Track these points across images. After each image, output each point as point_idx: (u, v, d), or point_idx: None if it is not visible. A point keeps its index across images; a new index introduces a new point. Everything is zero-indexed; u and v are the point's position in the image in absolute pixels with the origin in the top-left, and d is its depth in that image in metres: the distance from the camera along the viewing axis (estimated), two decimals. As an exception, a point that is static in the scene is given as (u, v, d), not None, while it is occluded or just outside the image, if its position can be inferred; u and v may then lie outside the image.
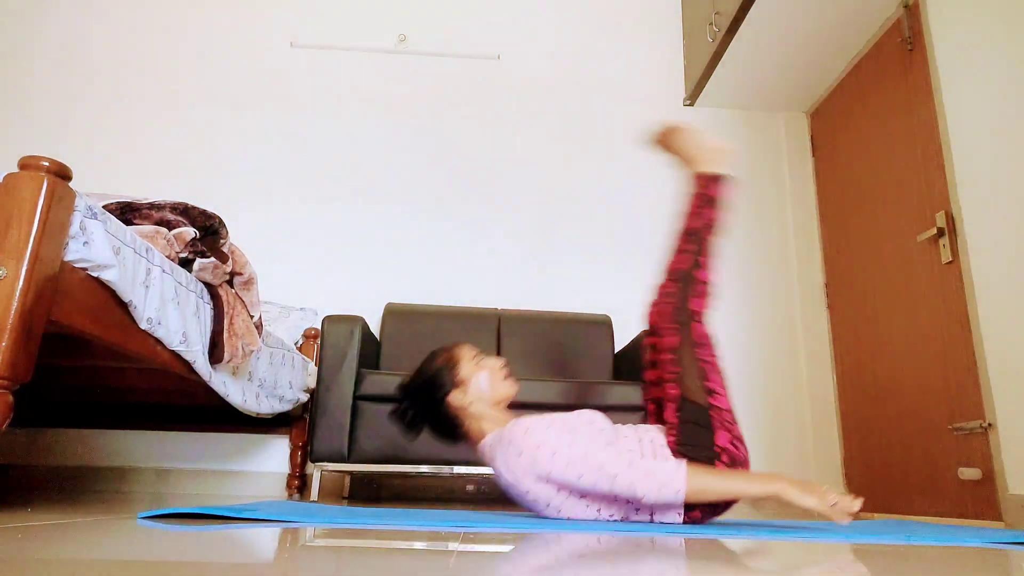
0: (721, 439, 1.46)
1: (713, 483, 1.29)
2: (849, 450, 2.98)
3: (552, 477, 1.34)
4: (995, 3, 2.16)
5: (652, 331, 1.61)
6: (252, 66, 3.54)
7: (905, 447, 2.56)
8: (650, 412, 1.67)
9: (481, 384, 1.52)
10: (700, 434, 1.46)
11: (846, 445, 3.00)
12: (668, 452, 1.44)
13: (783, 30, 2.94)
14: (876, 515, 2.72)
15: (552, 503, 1.38)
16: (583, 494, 1.37)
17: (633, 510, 1.38)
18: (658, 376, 1.61)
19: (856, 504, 1.29)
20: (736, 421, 1.53)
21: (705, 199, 1.68)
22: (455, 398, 1.50)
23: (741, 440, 1.50)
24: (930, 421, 2.42)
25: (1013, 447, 2.01)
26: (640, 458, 1.34)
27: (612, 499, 1.36)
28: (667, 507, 1.35)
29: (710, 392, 1.51)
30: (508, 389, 1.55)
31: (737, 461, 1.46)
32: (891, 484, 2.64)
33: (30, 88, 3.43)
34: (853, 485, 2.93)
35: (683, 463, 1.30)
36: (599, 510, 1.39)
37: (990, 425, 2.10)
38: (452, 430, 1.53)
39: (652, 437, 1.49)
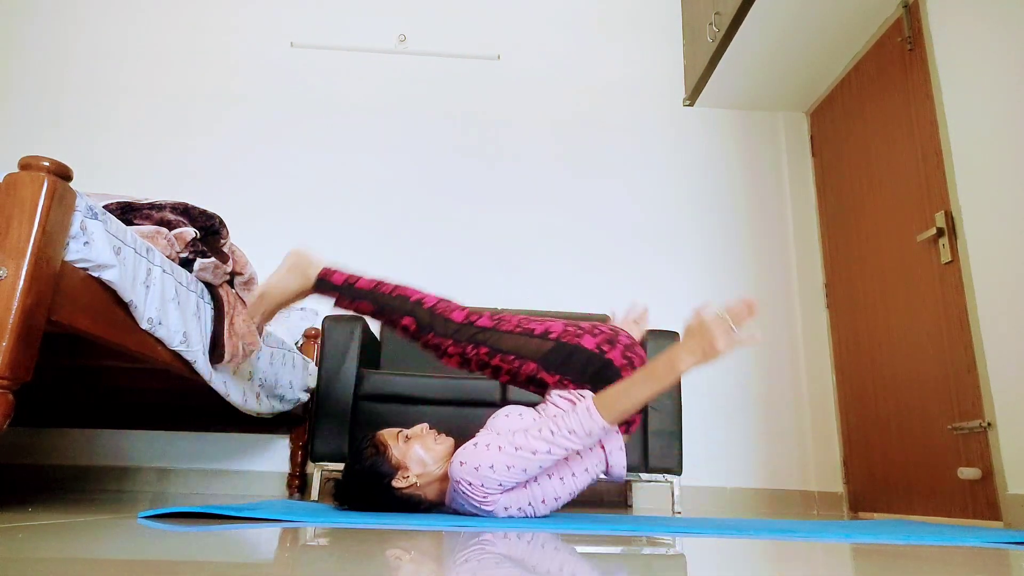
0: (588, 343, 1.56)
1: (624, 399, 1.34)
2: (849, 450, 2.98)
3: (505, 485, 1.38)
4: (995, 3, 2.16)
5: (464, 361, 1.65)
6: (252, 66, 3.54)
7: (905, 447, 2.56)
8: (542, 396, 1.67)
9: (419, 455, 1.49)
10: (576, 359, 1.54)
11: (846, 445, 3.00)
12: (585, 392, 1.50)
13: (783, 30, 2.94)
14: (876, 515, 2.72)
15: (530, 501, 1.44)
16: (541, 475, 1.43)
17: (586, 451, 1.46)
18: (509, 374, 1.63)
19: (751, 304, 1.28)
20: (577, 324, 1.62)
21: (344, 294, 1.72)
22: (400, 482, 1.47)
23: (596, 325, 1.61)
24: (930, 421, 2.42)
25: (1012, 447, 2.02)
26: (556, 417, 1.38)
27: (564, 460, 1.43)
28: (606, 435, 1.42)
29: (544, 335, 1.59)
30: (445, 446, 1.52)
31: (612, 339, 1.57)
32: (891, 484, 2.64)
33: (27, 88, 3.43)
34: (852, 485, 2.93)
35: (590, 403, 1.35)
36: (570, 475, 1.45)
37: (989, 425, 2.11)
38: (415, 508, 1.51)
39: (555, 399, 1.53)
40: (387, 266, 3.24)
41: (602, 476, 1.54)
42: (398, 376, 2.38)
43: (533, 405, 1.61)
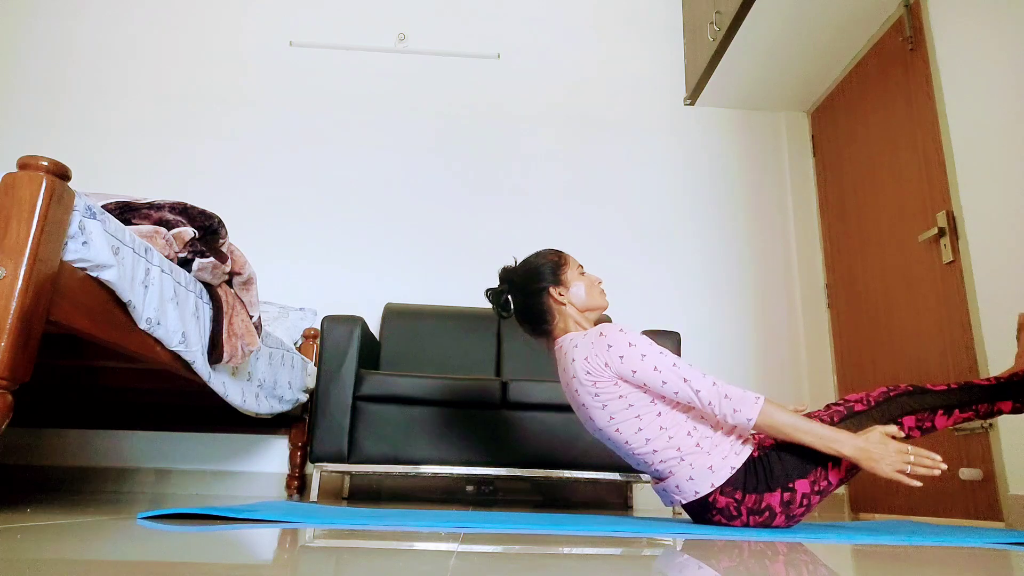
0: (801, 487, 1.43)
1: (783, 426, 1.34)
2: (849, 450, 2.97)
3: (636, 378, 1.41)
4: (996, 2, 2.16)
5: None
6: (251, 65, 3.53)
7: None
8: None
9: (580, 290, 1.61)
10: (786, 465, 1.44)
11: (846, 445, 3.00)
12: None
13: (783, 29, 2.93)
14: (877, 515, 2.72)
15: (622, 406, 1.43)
16: (657, 399, 1.43)
17: (706, 425, 1.44)
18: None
19: (938, 462, 1.28)
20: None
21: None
22: (554, 293, 1.59)
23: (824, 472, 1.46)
24: (930, 421, 2.41)
25: (1013, 448, 2.01)
26: (724, 383, 1.39)
27: (686, 409, 1.44)
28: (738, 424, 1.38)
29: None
30: (602, 301, 1.64)
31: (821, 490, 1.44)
32: (891, 484, 2.64)
33: (26, 88, 3.43)
34: (854, 485, 2.93)
35: (762, 398, 1.36)
36: (665, 424, 1.43)
37: (991, 425, 2.10)
38: (539, 321, 1.60)
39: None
40: (387, 266, 3.24)
41: (654, 480, 1.53)
42: (397, 377, 2.38)
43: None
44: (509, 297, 1.66)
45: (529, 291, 1.61)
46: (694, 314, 3.26)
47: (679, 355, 2.50)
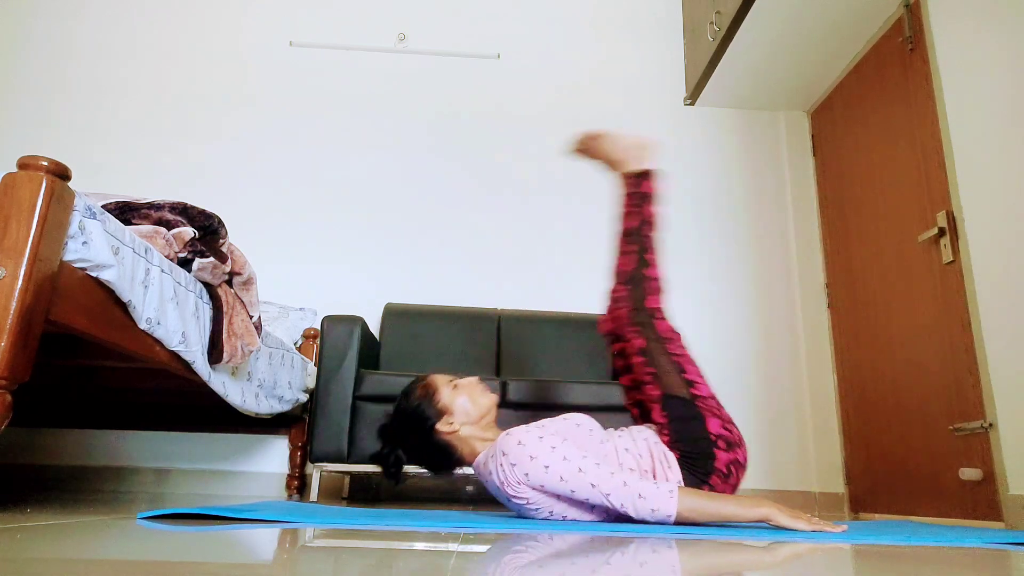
0: (713, 426, 1.49)
1: (704, 508, 1.28)
2: (850, 450, 2.97)
3: (546, 489, 1.34)
4: (996, 3, 2.16)
5: (615, 337, 1.64)
6: (251, 65, 3.53)
7: (906, 447, 2.56)
8: (634, 416, 1.67)
9: (464, 404, 1.49)
10: (692, 427, 1.48)
11: (847, 445, 3.00)
12: (671, 455, 1.45)
13: (783, 29, 2.93)
14: (877, 515, 2.72)
15: (554, 510, 1.38)
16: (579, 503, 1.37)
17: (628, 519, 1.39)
18: (634, 380, 1.62)
19: (841, 528, 1.30)
20: (721, 405, 1.56)
21: (637, 197, 1.73)
22: (443, 426, 1.48)
23: (731, 422, 1.53)
24: (931, 421, 2.41)
25: (1014, 447, 2.01)
26: (638, 478, 1.31)
27: (608, 509, 1.36)
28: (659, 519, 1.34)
29: (690, 384, 1.54)
30: (490, 401, 1.53)
31: (733, 443, 1.49)
32: (892, 484, 2.64)
33: (26, 88, 3.43)
34: (854, 485, 2.93)
35: (676, 489, 1.29)
36: (596, 518, 1.40)
37: (991, 425, 2.10)
38: (446, 459, 1.50)
39: (646, 436, 1.50)
40: (387, 266, 3.24)
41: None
42: (397, 376, 2.38)
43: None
44: (399, 454, 1.51)
45: (418, 438, 1.49)
46: (694, 314, 3.26)
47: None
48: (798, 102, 3.47)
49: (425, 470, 1.56)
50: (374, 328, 3.13)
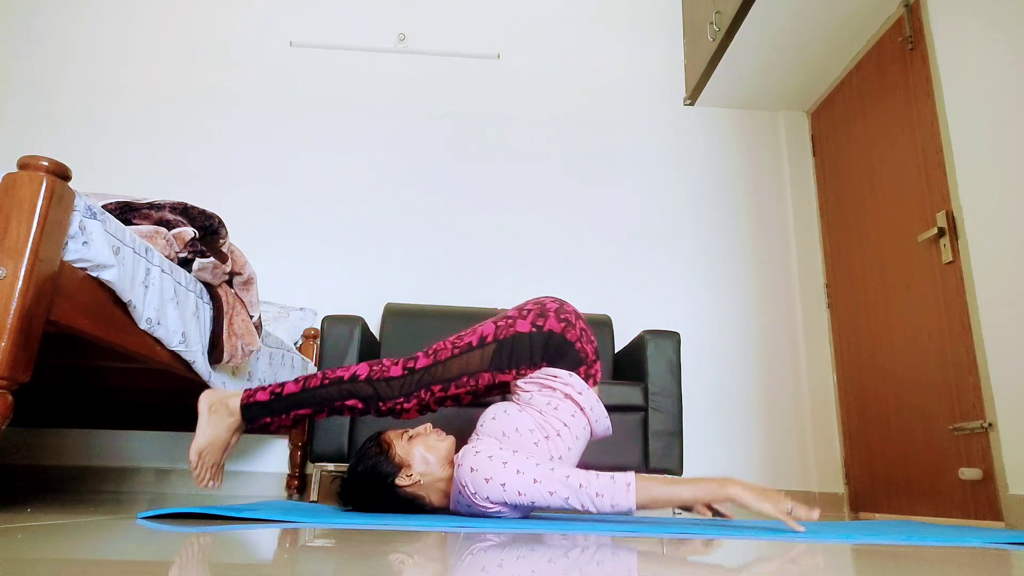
0: (523, 326, 1.59)
1: (662, 493, 1.29)
2: (849, 450, 2.97)
3: (509, 503, 1.38)
4: (996, 2, 2.16)
5: (423, 408, 1.63)
6: (250, 65, 3.53)
7: (906, 447, 2.56)
8: (503, 399, 1.70)
9: (420, 453, 1.51)
10: (518, 347, 1.58)
11: (846, 445, 3.00)
12: (555, 371, 1.56)
13: (783, 29, 2.93)
14: (877, 515, 2.72)
15: (522, 511, 1.46)
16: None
17: (572, 423, 1.53)
18: (470, 393, 1.64)
19: (813, 514, 1.30)
20: (506, 314, 1.63)
21: (272, 424, 1.59)
22: (403, 480, 1.49)
23: (522, 306, 1.64)
24: (931, 421, 2.41)
25: (1013, 447, 2.01)
26: (594, 476, 1.33)
27: (557, 450, 1.48)
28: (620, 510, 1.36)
29: (482, 342, 1.60)
30: (447, 444, 1.54)
31: (541, 312, 1.60)
32: (892, 484, 2.64)
33: (26, 87, 3.43)
34: (854, 485, 2.93)
35: (632, 482, 1.29)
36: (568, 458, 1.52)
37: (990, 425, 2.10)
38: (417, 509, 1.52)
39: (530, 395, 1.56)
40: (387, 266, 3.24)
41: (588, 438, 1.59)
42: (398, 376, 2.38)
43: (504, 396, 1.66)
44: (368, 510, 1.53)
45: (381, 496, 1.50)
46: (694, 314, 3.26)
47: (679, 355, 2.50)
48: (798, 102, 3.47)
49: None
50: (374, 328, 3.13)
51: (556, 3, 3.75)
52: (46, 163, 1.16)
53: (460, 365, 1.58)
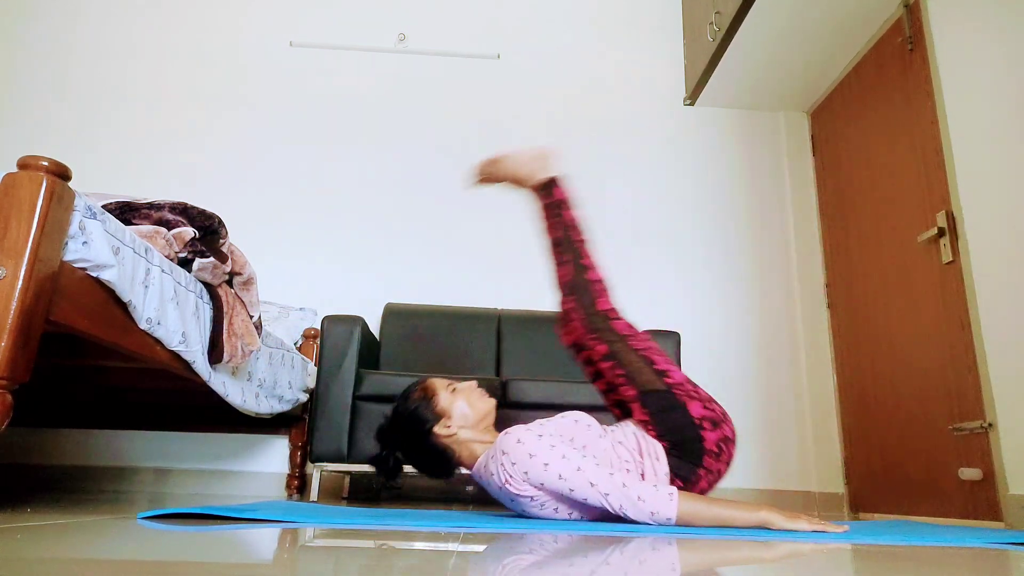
0: (695, 410, 1.49)
1: (703, 512, 1.29)
2: (849, 450, 2.97)
3: (545, 487, 1.34)
4: (996, 3, 2.16)
5: (579, 348, 1.63)
6: (251, 65, 3.53)
7: (905, 447, 2.56)
8: (617, 416, 1.67)
9: (462, 409, 1.50)
10: (674, 417, 1.48)
11: (846, 445, 3.00)
12: (658, 446, 1.46)
13: (783, 30, 2.93)
14: (876, 515, 2.72)
15: (558, 508, 1.39)
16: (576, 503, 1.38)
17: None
18: (608, 383, 1.61)
19: (841, 530, 1.30)
20: (697, 386, 1.56)
21: (553, 206, 1.74)
22: (441, 429, 1.48)
23: (711, 400, 1.54)
24: (930, 421, 2.41)
25: (1013, 447, 2.01)
26: (638, 479, 1.32)
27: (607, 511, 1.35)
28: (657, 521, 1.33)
29: (662, 374, 1.54)
30: (487, 405, 1.54)
31: (717, 421, 1.50)
32: (891, 484, 2.64)
33: (27, 88, 3.43)
34: (853, 485, 2.93)
35: (675, 492, 1.29)
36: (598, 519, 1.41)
37: (990, 425, 2.10)
38: (444, 463, 1.51)
39: (633, 430, 1.50)
40: (387, 266, 3.24)
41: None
42: (397, 376, 2.38)
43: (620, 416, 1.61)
44: (398, 456, 1.52)
45: (416, 441, 1.49)
46: (694, 314, 3.26)
47: (679, 356, 2.50)
48: (798, 102, 3.47)
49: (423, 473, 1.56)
50: (374, 328, 3.13)
51: (556, 3, 3.75)
52: (46, 163, 1.16)
53: (633, 365, 1.55)
